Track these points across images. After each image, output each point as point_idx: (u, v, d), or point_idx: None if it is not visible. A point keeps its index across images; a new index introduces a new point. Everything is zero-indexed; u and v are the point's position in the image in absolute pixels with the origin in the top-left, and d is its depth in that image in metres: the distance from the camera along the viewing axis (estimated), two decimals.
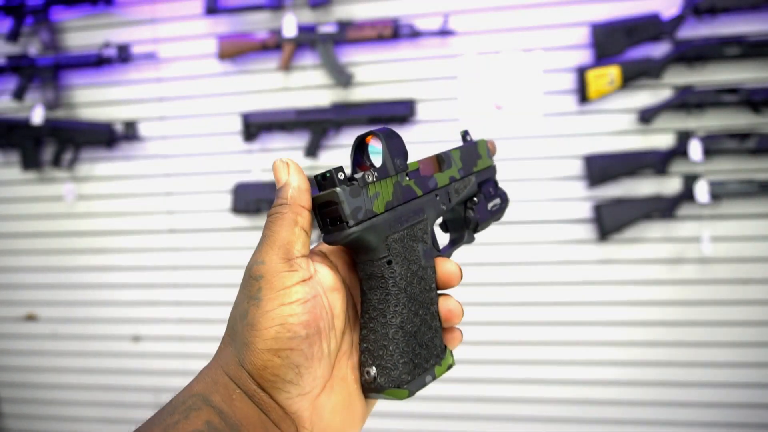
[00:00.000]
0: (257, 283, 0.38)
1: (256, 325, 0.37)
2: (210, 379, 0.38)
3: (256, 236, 1.81)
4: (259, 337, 0.37)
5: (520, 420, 1.76)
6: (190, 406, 0.36)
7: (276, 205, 0.40)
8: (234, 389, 0.37)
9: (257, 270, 0.38)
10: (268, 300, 0.37)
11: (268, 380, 0.37)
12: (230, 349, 0.39)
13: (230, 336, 0.40)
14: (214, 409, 0.36)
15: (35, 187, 1.97)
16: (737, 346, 1.63)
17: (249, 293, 0.38)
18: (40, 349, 2.05)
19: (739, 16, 1.55)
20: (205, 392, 0.37)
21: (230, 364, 0.38)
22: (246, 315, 0.38)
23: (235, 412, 0.37)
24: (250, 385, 0.38)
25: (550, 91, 1.65)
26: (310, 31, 1.69)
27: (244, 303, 0.38)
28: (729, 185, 1.56)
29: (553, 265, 1.69)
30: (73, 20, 1.88)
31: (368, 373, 0.42)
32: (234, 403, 0.37)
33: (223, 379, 0.38)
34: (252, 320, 0.37)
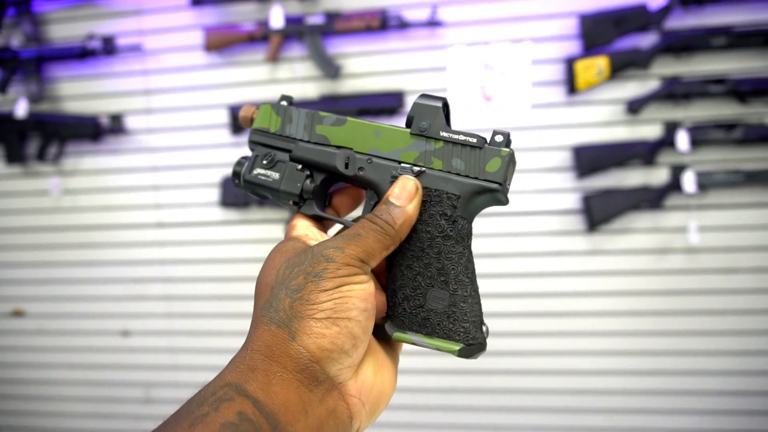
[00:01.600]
0: (325, 263, 0.40)
1: (312, 299, 0.39)
2: (245, 367, 0.37)
3: (245, 230, 1.81)
4: (316, 309, 0.39)
5: (511, 410, 1.77)
6: (221, 397, 0.35)
7: (385, 221, 0.43)
8: (275, 372, 0.37)
9: (333, 254, 0.40)
10: (329, 281, 0.39)
11: (326, 349, 0.38)
12: (272, 328, 0.39)
13: (270, 314, 0.39)
14: (248, 398, 0.35)
15: (20, 181, 1.95)
16: (725, 334, 1.65)
17: (311, 270, 0.40)
18: (28, 345, 2.03)
19: (726, 7, 1.55)
20: (238, 381, 0.36)
21: (273, 344, 0.38)
22: (301, 289, 0.39)
23: (273, 398, 0.36)
24: (300, 360, 0.38)
25: (538, 82, 1.65)
26: (297, 23, 1.68)
27: (300, 278, 0.40)
28: (716, 175, 1.57)
29: (542, 256, 1.70)
30: (56, 11, 1.85)
31: (486, 330, 0.46)
32: (272, 389, 0.36)
33: (263, 364, 0.37)
34: (307, 295, 0.39)
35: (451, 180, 0.47)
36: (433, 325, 0.46)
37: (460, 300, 0.46)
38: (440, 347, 0.45)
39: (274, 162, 0.51)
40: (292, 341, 0.38)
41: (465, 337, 0.45)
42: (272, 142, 0.52)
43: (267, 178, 0.51)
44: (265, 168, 0.51)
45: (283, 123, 0.52)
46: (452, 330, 0.45)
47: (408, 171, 0.48)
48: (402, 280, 0.47)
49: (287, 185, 0.51)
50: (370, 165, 0.49)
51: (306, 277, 0.40)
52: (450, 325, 0.45)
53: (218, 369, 1.42)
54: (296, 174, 0.51)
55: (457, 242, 0.46)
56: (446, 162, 0.48)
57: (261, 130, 0.53)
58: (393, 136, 0.49)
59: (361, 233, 0.42)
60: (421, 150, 0.49)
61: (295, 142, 0.52)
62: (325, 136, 0.51)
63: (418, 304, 0.46)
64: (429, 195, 0.47)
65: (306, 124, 0.52)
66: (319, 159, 0.51)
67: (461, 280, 0.46)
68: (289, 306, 0.39)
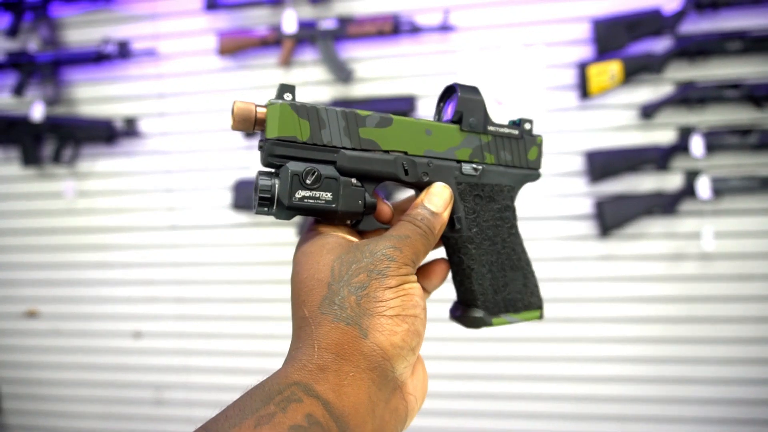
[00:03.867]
0: (387, 261, 0.40)
1: (378, 296, 0.39)
2: (314, 366, 0.36)
3: (257, 232, 1.82)
4: (384, 305, 0.39)
5: (523, 416, 1.76)
6: (288, 397, 0.34)
7: (427, 226, 0.44)
8: (347, 372, 0.36)
9: (393, 253, 0.41)
10: (392, 279, 0.40)
11: (398, 346, 0.39)
12: (341, 325, 0.38)
13: (335, 311, 0.38)
14: (318, 399, 0.34)
15: (35, 183, 1.97)
16: (739, 342, 1.63)
17: (372, 268, 0.40)
18: (41, 346, 2.05)
19: (741, 11, 1.54)
20: (307, 381, 0.35)
21: (344, 342, 0.37)
22: (365, 287, 0.39)
23: (344, 400, 0.35)
24: (374, 358, 0.38)
25: (551, 87, 1.64)
26: (310, 27, 1.68)
27: (363, 275, 0.40)
28: (731, 181, 1.55)
29: (554, 262, 1.69)
30: (72, 16, 1.87)
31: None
32: (344, 390, 0.36)
33: (334, 363, 0.36)
34: (373, 293, 0.39)
35: (507, 173, 0.51)
36: (515, 301, 0.51)
37: (530, 274, 0.52)
38: (527, 318, 0.52)
39: (320, 179, 0.42)
40: (364, 338, 0.38)
41: (539, 302, 0.52)
42: (306, 154, 0.43)
43: (317, 200, 0.42)
44: (311, 188, 0.42)
45: (313, 128, 0.43)
46: (530, 301, 0.52)
47: (471, 169, 0.49)
48: (482, 275, 0.49)
49: (347, 205, 0.43)
50: (431, 168, 0.47)
51: (369, 274, 0.40)
52: (528, 297, 0.51)
53: (229, 371, 1.44)
54: (354, 190, 0.44)
55: (515, 226, 0.52)
56: (497, 156, 0.50)
57: (286, 140, 0.42)
58: (445, 134, 0.48)
59: (410, 235, 0.43)
60: (474, 146, 0.49)
61: (337, 151, 0.43)
62: (373, 140, 0.45)
63: (500, 289, 0.50)
64: (492, 190, 0.50)
65: (344, 127, 0.44)
66: (375, 168, 0.45)
67: (525, 258, 0.52)
68: (355, 303, 0.39)
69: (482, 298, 0.49)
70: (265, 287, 1.85)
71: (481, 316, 0.49)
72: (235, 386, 1.90)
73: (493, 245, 0.50)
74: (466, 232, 0.49)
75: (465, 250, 0.49)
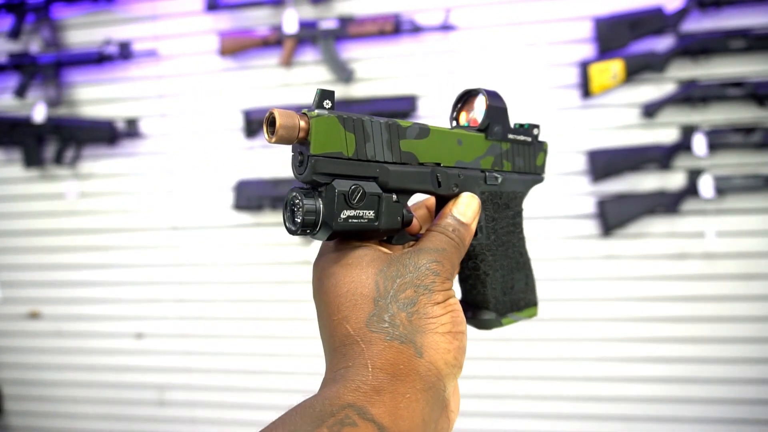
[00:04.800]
0: (432, 276, 0.40)
1: (429, 313, 0.38)
2: (368, 388, 0.34)
3: (258, 233, 1.82)
4: (437, 322, 0.38)
5: (526, 416, 1.75)
6: (342, 420, 0.32)
7: (459, 237, 0.44)
8: (403, 394, 0.35)
9: (437, 267, 0.40)
10: (438, 294, 0.39)
11: (451, 365, 0.39)
12: (395, 344, 0.36)
13: (386, 329, 0.37)
14: (374, 423, 0.32)
15: (37, 184, 1.97)
16: (742, 341, 1.62)
17: (419, 283, 0.39)
18: (43, 347, 2.05)
19: (744, 9, 1.53)
20: (361, 403, 0.33)
21: (399, 362, 0.36)
22: (415, 303, 0.38)
23: (399, 424, 0.33)
24: (429, 378, 0.37)
25: (552, 86, 1.64)
26: (311, 27, 1.68)
27: (410, 291, 0.39)
28: (734, 180, 1.55)
29: (556, 261, 1.68)
30: (74, 17, 1.88)
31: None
32: (399, 413, 0.34)
33: (390, 385, 0.35)
34: (423, 309, 0.38)
35: (520, 180, 0.52)
36: (519, 300, 0.52)
37: (530, 273, 0.53)
38: (528, 315, 0.53)
39: (364, 197, 0.39)
40: (419, 358, 0.36)
41: (536, 299, 0.54)
42: (351, 170, 0.39)
43: (360, 219, 0.40)
44: (356, 208, 0.39)
45: (359, 142, 0.40)
46: (530, 299, 0.53)
47: (494, 179, 0.49)
48: (496, 280, 0.50)
49: (388, 222, 0.41)
50: (462, 180, 0.47)
51: (416, 290, 0.39)
52: (530, 295, 0.53)
53: (232, 372, 1.43)
54: (394, 206, 0.41)
55: (522, 230, 0.53)
56: (513, 163, 0.51)
57: (332, 156, 0.38)
58: (473, 144, 0.48)
59: (446, 248, 0.42)
60: (495, 154, 0.50)
61: (380, 165, 0.41)
62: (411, 153, 0.43)
63: (508, 290, 0.51)
64: (508, 198, 0.51)
65: (387, 140, 0.41)
66: (413, 182, 0.43)
67: (527, 257, 0.53)
68: (407, 320, 0.37)
69: (494, 300, 0.50)
70: (267, 288, 1.85)
71: (493, 318, 0.50)
72: (237, 387, 1.90)
73: (506, 250, 0.51)
74: (485, 240, 0.49)
75: (482, 257, 0.49)
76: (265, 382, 1.89)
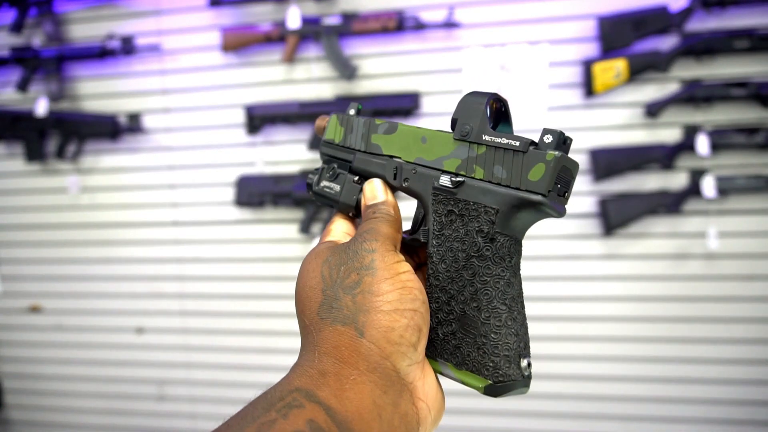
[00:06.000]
0: (369, 255, 0.39)
1: (376, 290, 0.38)
2: (315, 372, 0.36)
3: (259, 229, 1.82)
4: (381, 300, 0.37)
5: (525, 415, 1.75)
6: (290, 404, 0.33)
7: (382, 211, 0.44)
8: (347, 376, 0.35)
9: (370, 245, 0.40)
10: (384, 269, 0.39)
11: (395, 343, 0.37)
12: (337, 327, 0.37)
13: (333, 315, 0.38)
14: (320, 405, 0.33)
15: (39, 178, 1.98)
16: (742, 342, 1.62)
17: (359, 266, 0.39)
18: (44, 341, 2.05)
19: (749, 9, 1.53)
20: (308, 387, 0.35)
21: (342, 344, 0.36)
22: (359, 284, 0.38)
23: (346, 405, 0.34)
24: (372, 358, 0.36)
25: (555, 85, 1.63)
26: (314, 23, 1.68)
27: (353, 275, 0.39)
28: (736, 180, 1.54)
29: (558, 260, 1.68)
30: (76, 11, 1.87)
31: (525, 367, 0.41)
32: (346, 395, 0.34)
33: (334, 367, 0.36)
34: (368, 287, 0.38)
35: (490, 191, 0.41)
36: (464, 355, 0.41)
37: (492, 330, 0.40)
38: (467, 382, 0.41)
39: (336, 174, 0.52)
40: (360, 338, 0.36)
41: (493, 373, 0.39)
42: (336, 153, 0.53)
43: (330, 190, 0.52)
44: (329, 180, 0.52)
45: (345, 133, 0.52)
46: (481, 363, 0.40)
47: (447, 181, 0.43)
48: (437, 303, 0.43)
49: (345, 197, 0.50)
50: (414, 175, 0.46)
51: (359, 272, 0.39)
52: (479, 357, 0.40)
53: (231, 368, 1.44)
54: (353, 186, 0.50)
55: (494, 263, 0.41)
56: (487, 170, 0.42)
57: (328, 141, 0.54)
58: (438, 142, 0.45)
59: (373, 227, 0.42)
60: (464, 157, 0.43)
61: (354, 152, 0.52)
62: (378, 145, 0.50)
63: (450, 331, 0.41)
64: (467, 209, 0.42)
65: (363, 133, 0.51)
66: (371, 170, 0.50)
67: (495, 307, 0.40)
68: (351, 302, 0.38)
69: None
70: (268, 283, 1.85)
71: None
72: (237, 382, 1.90)
73: (457, 274, 0.42)
74: (429, 247, 0.44)
75: (428, 264, 0.44)
76: (265, 378, 1.89)
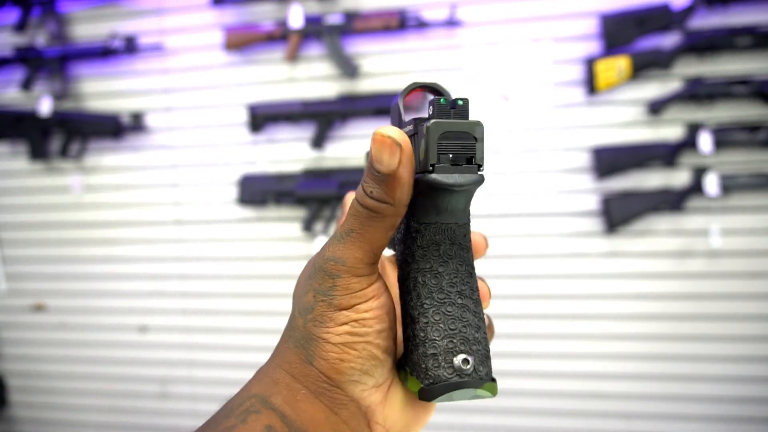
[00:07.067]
0: (331, 281, 0.34)
1: (326, 321, 0.34)
2: (269, 380, 0.35)
3: (262, 227, 1.82)
4: (331, 332, 0.34)
5: (527, 413, 1.75)
6: (248, 409, 0.33)
7: (377, 199, 0.33)
8: (298, 390, 0.35)
9: (334, 268, 0.34)
10: (342, 299, 0.34)
11: (344, 373, 0.35)
12: (290, 346, 0.36)
13: (289, 333, 0.37)
14: (275, 411, 0.33)
15: (42, 177, 1.98)
16: (745, 340, 1.62)
17: (318, 287, 0.35)
18: (48, 339, 2.06)
19: (751, 6, 1.53)
20: (263, 393, 0.34)
21: (293, 363, 0.35)
22: (312, 310, 0.35)
23: (300, 415, 0.34)
24: (320, 384, 0.35)
25: (558, 83, 1.63)
26: (316, 22, 1.68)
27: (309, 296, 0.35)
28: (739, 178, 1.54)
29: (560, 258, 1.68)
30: (80, 11, 1.88)
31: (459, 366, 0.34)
32: (298, 405, 0.34)
33: (285, 378, 0.35)
34: (320, 317, 0.35)
35: None
36: (409, 361, 0.37)
37: (421, 328, 0.35)
38: (413, 390, 0.36)
39: None
40: (309, 364, 0.35)
41: (424, 376, 0.35)
42: None
43: None
44: None
45: None
46: (417, 366, 0.35)
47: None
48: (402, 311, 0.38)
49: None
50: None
51: (315, 295, 0.35)
52: (416, 359, 0.36)
53: (234, 366, 1.45)
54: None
55: (420, 255, 0.36)
56: None
57: None
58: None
59: (355, 227, 0.34)
60: None
61: None
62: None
63: (406, 336, 0.37)
64: None
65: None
66: None
67: (422, 302, 0.36)
68: (303, 326, 0.35)
69: None
70: (271, 282, 1.86)
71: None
72: (240, 381, 1.90)
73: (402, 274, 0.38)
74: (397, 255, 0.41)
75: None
76: None
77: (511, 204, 1.68)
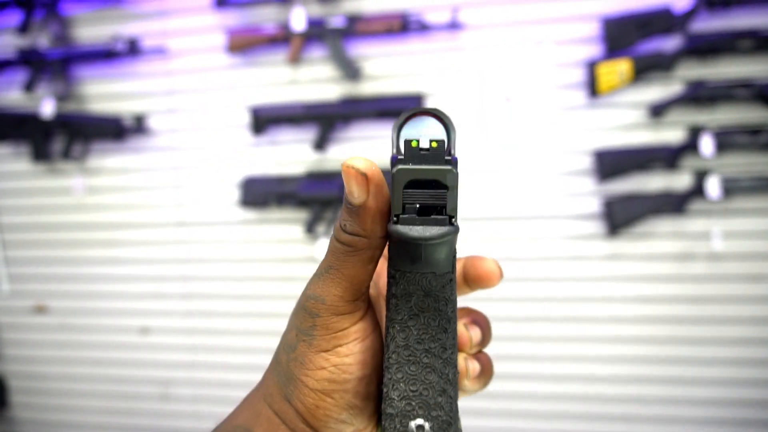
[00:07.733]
0: (311, 320, 0.33)
1: (306, 363, 0.33)
2: (253, 411, 0.36)
3: (264, 229, 1.83)
4: (310, 376, 0.33)
5: (528, 416, 1.75)
6: None
7: (350, 233, 0.31)
8: (279, 424, 0.35)
9: (314, 307, 0.33)
10: (323, 340, 0.33)
11: (320, 419, 0.34)
12: (275, 380, 0.36)
13: (275, 365, 0.36)
14: None
15: (45, 179, 1.99)
16: (747, 343, 1.62)
17: (300, 325, 0.34)
18: (49, 341, 2.06)
19: (753, 9, 1.53)
20: (247, 425, 0.35)
21: (275, 396, 0.35)
22: (294, 348, 0.34)
23: None
24: (297, 424, 0.34)
25: (559, 85, 1.64)
26: (318, 25, 1.69)
27: (292, 333, 0.34)
28: (741, 181, 1.54)
29: (561, 261, 1.68)
30: (83, 13, 1.88)
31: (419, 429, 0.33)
32: None
33: (267, 412, 0.35)
34: (301, 357, 0.34)
35: None
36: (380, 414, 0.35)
37: (384, 384, 0.34)
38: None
39: None
40: (288, 402, 0.35)
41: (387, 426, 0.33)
42: None
43: None
44: None
45: None
46: (380, 419, 0.34)
47: None
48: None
49: None
50: None
51: (297, 334, 0.34)
52: (381, 411, 0.34)
53: (235, 368, 1.45)
54: None
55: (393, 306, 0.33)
56: None
57: None
58: None
59: (333, 264, 0.32)
60: None
61: None
62: None
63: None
64: None
65: None
66: None
67: (388, 357, 0.33)
68: (285, 363, 0.35)
69: None
70: (272, 284, 1.86)
71: None
72: (241, 383, 1.91)
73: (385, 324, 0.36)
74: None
75: None
76: None
77: (513, 207, 1.69)
